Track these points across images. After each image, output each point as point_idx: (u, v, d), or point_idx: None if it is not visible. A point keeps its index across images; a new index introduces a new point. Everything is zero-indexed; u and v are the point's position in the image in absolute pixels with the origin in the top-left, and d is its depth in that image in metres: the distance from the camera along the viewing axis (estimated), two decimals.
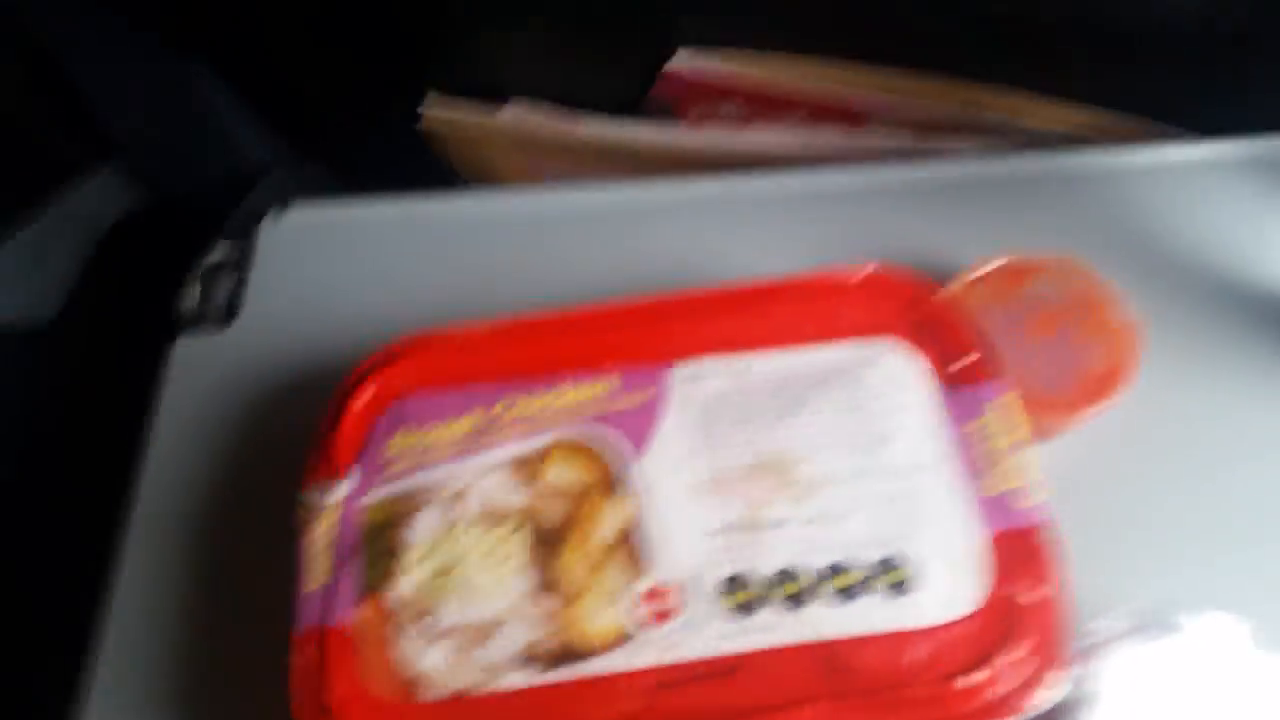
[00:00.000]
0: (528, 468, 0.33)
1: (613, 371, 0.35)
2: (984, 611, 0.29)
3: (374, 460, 0.34)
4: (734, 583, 0.30)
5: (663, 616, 0.30)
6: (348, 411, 0.35)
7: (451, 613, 0.31)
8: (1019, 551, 0.30)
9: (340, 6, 0.49)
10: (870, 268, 0.36)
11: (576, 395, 0.34)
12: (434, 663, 0.30)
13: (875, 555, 0.30)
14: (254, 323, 0.43)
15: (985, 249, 0.39)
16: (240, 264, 0.45)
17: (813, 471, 0.32)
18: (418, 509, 0.33)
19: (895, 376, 0.34)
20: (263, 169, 0.57)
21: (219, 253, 0.46)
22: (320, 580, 0.31)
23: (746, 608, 0.30)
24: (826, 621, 0.29)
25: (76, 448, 0.50)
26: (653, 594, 0.30)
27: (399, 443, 0.34)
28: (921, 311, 0.35)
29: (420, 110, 0.51)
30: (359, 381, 0.35)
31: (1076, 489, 0.33)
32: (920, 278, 0.36)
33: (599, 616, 0.30)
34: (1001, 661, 0.28)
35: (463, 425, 0.34)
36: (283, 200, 0.48)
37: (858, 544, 0.30)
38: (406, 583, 0.31)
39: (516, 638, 0.30)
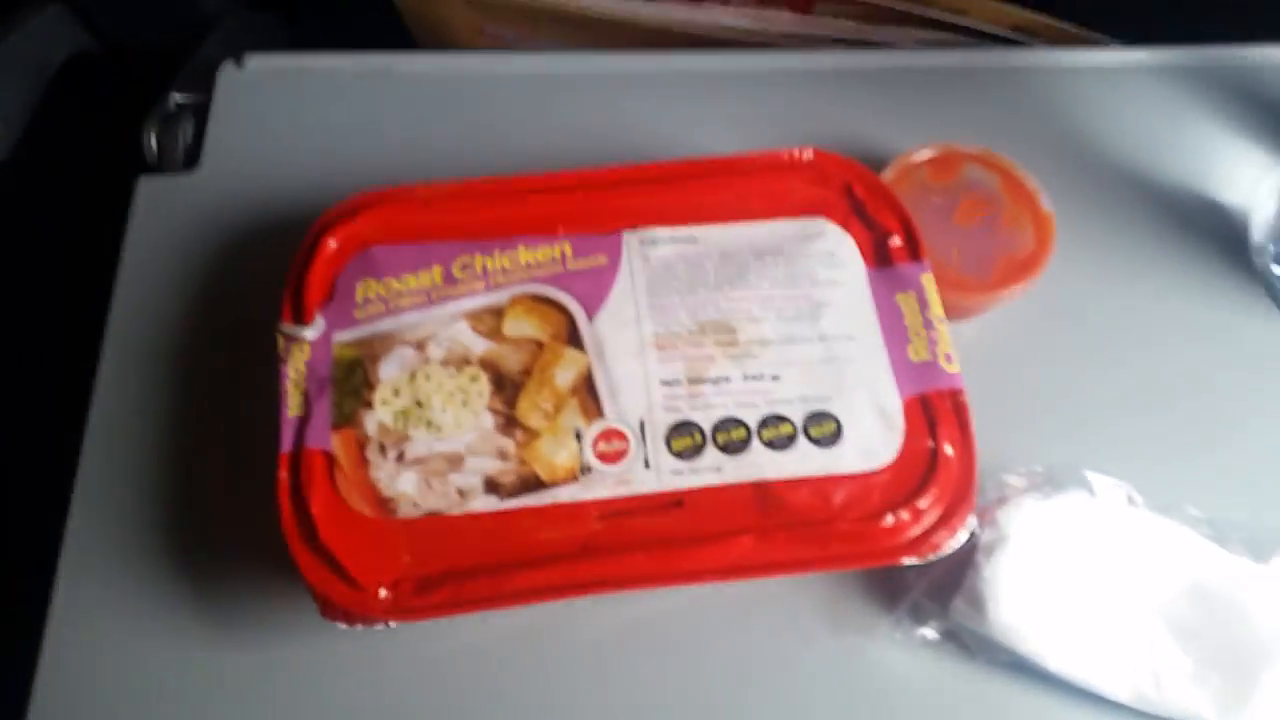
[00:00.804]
0: (488, 319, 0.35)
1: (564, 235, 0.37)
2: (901, 462, 0.33)
3: (342, 303, 0.36)
4: (680, 429, 0.33)
5: (615, 457, 0.33)
6: (317, 255, 0.36)
7: (420, 444, 0.33)
8: (934, 411, 0.34)
9: None
10: (812, 151, 0.39)
11: (531, 256, 0.37)
12: (406, 487, 0.33)
13: (807, 410, 0.34)
14: (214, 168, 0.44)
15: (919, 137, 0.42)
16: (199, 110, 0.45)
17: (752, 335, 0.35)
18: (386, 351, 0.35)
19: (831, 253, 0.37)
20: (215, 17, 0.56)
21: (177, 98, 0.46)
22: (296, 408, 0.34)
23: (691, 451, 0.33)
24: (762, 465, 0.33)
25: (40, 282, 0.50)
26: (606, 435, 0.33)
27: (364, 289, 0.36)
28: (857, 194, 0.38)
29: None
30: (326, 228, 0.37)
31: (991, 363, 0.37)
32: (858, 163, 0.39)
33: (556, 453, 0.33)
34: (915, 505, 0.32)
35: (424, 278, 0.36)
36: (237, 49, 0.48)
37: (791, 400, 0.34)
38: (377, 416, 0.34)
39: (481, 468, 0.33)
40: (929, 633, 0.34)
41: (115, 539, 0.37)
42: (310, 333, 0.35)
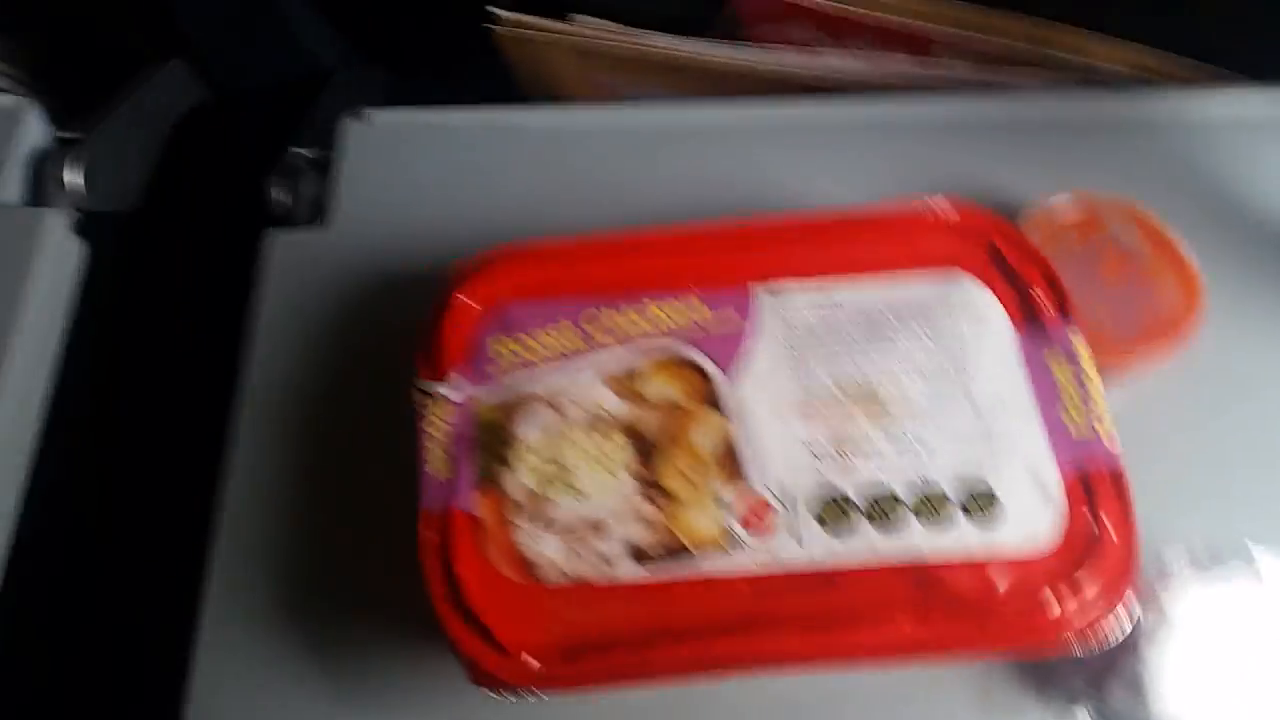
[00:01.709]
0: (625, 380, 0.35)
1: (696, 292, 0.36)
2: (1060, 542, 0.32)
3: (478, 360, 0.36)
4: (828, 501, 0.33)
5: (761, 528, 0.32)
6: (450, 312, 0.36)
7: (563, 508, 0.33)
8: (1093, 485, 0.33)
9: None
10: (950, 203, 0.37)
11: (663, 313, 0.36)
12: (551, 551, 0.32)
13: (962, 483, 0.33)
14: (340, 223, 0.45)
15: (1048, 187, 0.41)
16: (322, 165, 0.46)
17: (899, 400, 0.34)
18: (524, 411, 0.35)
19: (975, 311, 0.36)
20: (329, 70, 0.56)
21: (300, 152, 0.47)
22: (440, 466, 0.33)
23: (841, 525, 0.32)
24: (918, 544, 0.32)
25: (170, 331, 0.52)
26: (750, 503, 0.33)
27: (499, 346, 0.36)
28: (999, 249, 0.37)
29: (489, 16, 0.50)
30: (458, 284, 0.37)
31: (1140, 429, 0.35)
32: (998, 216, 0.37)
33: (700, 521, 0.33)
34: (1078, 588, 0.31)
35: (558, 336, 0.36)
36: (352, 103, 0.49)
37: (945, 472, 0.33)
38: (519, 478, 0.33)
39: (624, 534, 0.33)
40: None
41: (253, 600, 0.37)
42: (448, 390, 0.35)
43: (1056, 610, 0.31)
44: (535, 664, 0.31)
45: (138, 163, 0.51)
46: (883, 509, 0.32)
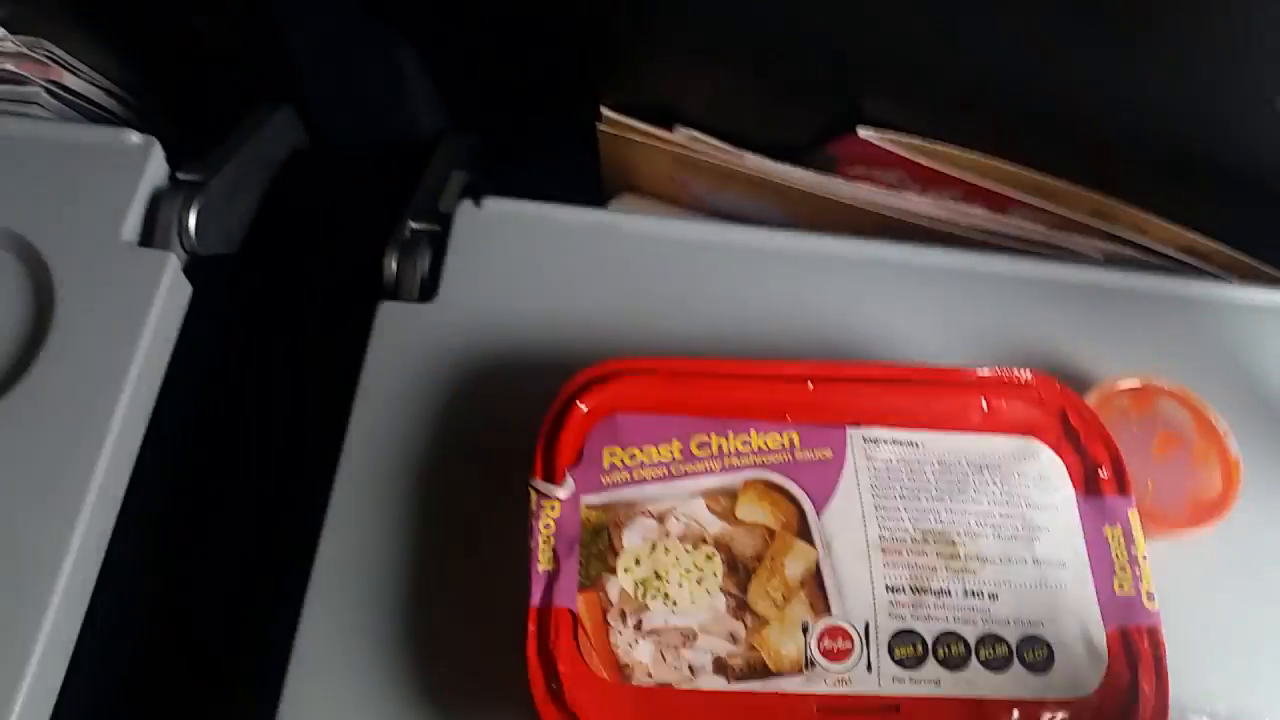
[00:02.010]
0: (723, 500, 0.38)
1: (793, 424, 0.40)
2: (1103, 693, 0.35)
3: (589, 466, 0.39)
4: (903, 637, 0.36)
5: (839, 655, 0.36)
6: (570, 417, 0.40)
7: (657, 616, 0.36)
8: (1134, 646, 0.36)
9: (533, 16, 0.52)
10: (1031, 373, 0.41)
11: (762, 441, 0.40)
12: (642, 655, 0.36)
13: (1021, 632, 0.36)
14: (450, 300, 0.47)
15: (1106, 357, 0.45)
16: (435, 240, 0.49)
17: (971, 550, 0.37)
18: (629, 519, 0.38)
19: (1044, 476, 0.39)
20: (424, 128, 0.60)
21: (413, 225, 0.49)
22: (547, 564, 0.37)
23: (912, 660, 0.35)
24: (978, 684, 0.35)
25: (262, 379, 0.54)
26: (831, 633, 0.36)
27: (610, 455, 0.39)
28: (1071, 422, 0.40)
29: (595, 112, 0.54)
30: (579, 392, 0.40)
31: (1173, 594, 0.38)
32: (1072, 391, 0.41)
33: (784, 643, 0.36)
34: None
35: (664, 451, 0.39)
36: (449, 169, 0.52)
37: (1008, 620, 0.36)
38: (620, 582, 0.37)
39: (712, 647, 0.36)
40: None
41: (344, 671, 0.39)
42: (562, 492, 0.38)
43: None
44: None
45: (244, 208, 0.53)
46: (950, 649, 0.36)
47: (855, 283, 0.49)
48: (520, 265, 0.48)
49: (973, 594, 0.37)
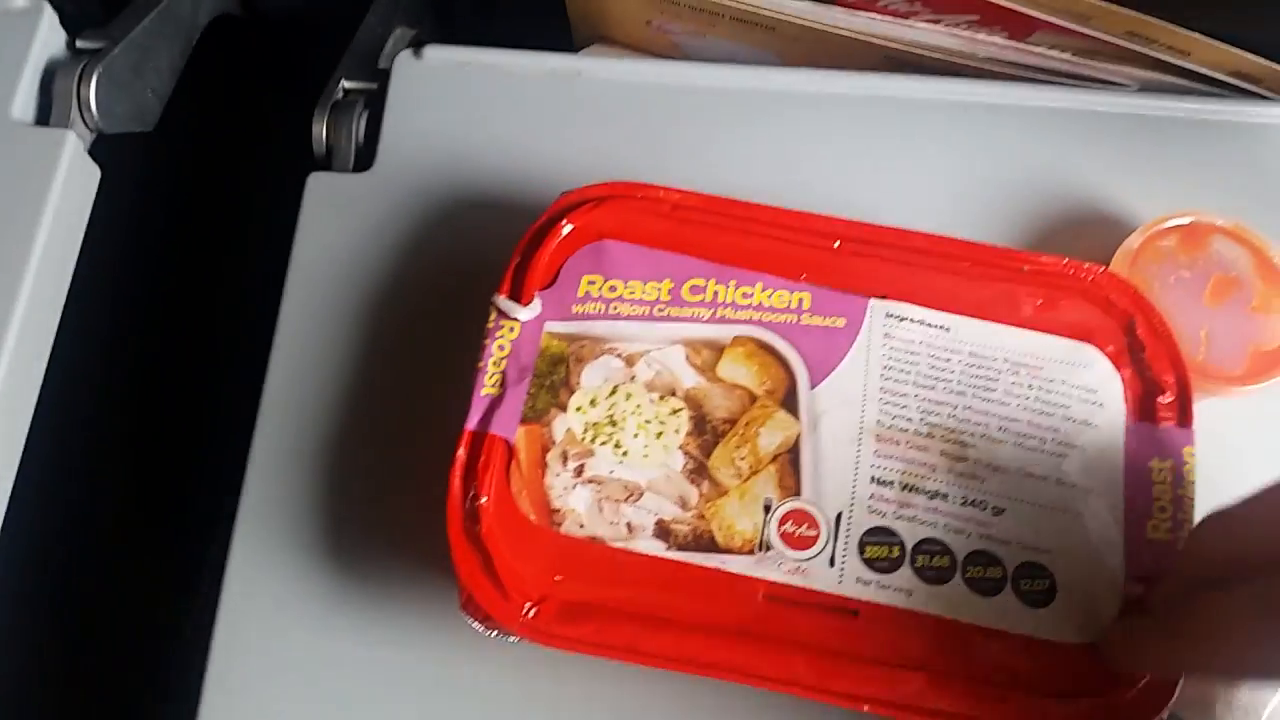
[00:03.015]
0: (706, 353, 0.33)
1: (806, 285, 0.34)
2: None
3: (562, 291, 0.34)
4: (879, 535, 0.30)
5: (800, 543, 0.30)
6: (550, 236, 0.35)
7: (603, 463, 0.32)
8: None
9: None
10: (1103, 270, 0.35)
11: (766, 297, 0.34)
12: (577, 503, 0.31)
13: (1022, 557, 0.30)
14: (389, 164, 0.42)
15: (1148, 192, 0.40)
16: (374, 104, 0.43)
17: (984, 455, 0.32)
18: (594, 355, 0.33)
19: (1093, 390, 0.33)
20: None
21: (345, 84, 0.44)
22: (491, 388, 0.32)
23: (885, 563, 0.30)
24: (957, 604, 0.30)
25: (194, 253, 0.50)
26: (796, 516, 0.31)
27: (588, 284, 0.34)
28: (1139, 334, 0.34)
29: None
30: (566, 211, 0.35)
31: (1231, 464, 0.32)
32: (1147, 300, 0.34)
33: (739, 519, 0.31)
34: (1107, 698, 0.29)
35: (650, 289, 0.34)
36: (390, 26, 0.45)
37: (1009, 541, 0.30)
38: (568, 421, 0.32)
39: (657, 508, 0.31)
40: None
41: (282, 525, 0.36)
42: (526, 314, 0.33)
43: (1076, 711, 0.28)
44: (530, 613, 0.30)
45: (158, 80, 0.47)
46: (932, 560, 0.30)
47: (862, 123, 0.42)
48: (470, 124, 0.42)
49: (972, 503, 0.31)
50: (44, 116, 0.42)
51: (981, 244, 0.35)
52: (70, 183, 0.40)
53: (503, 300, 0.34)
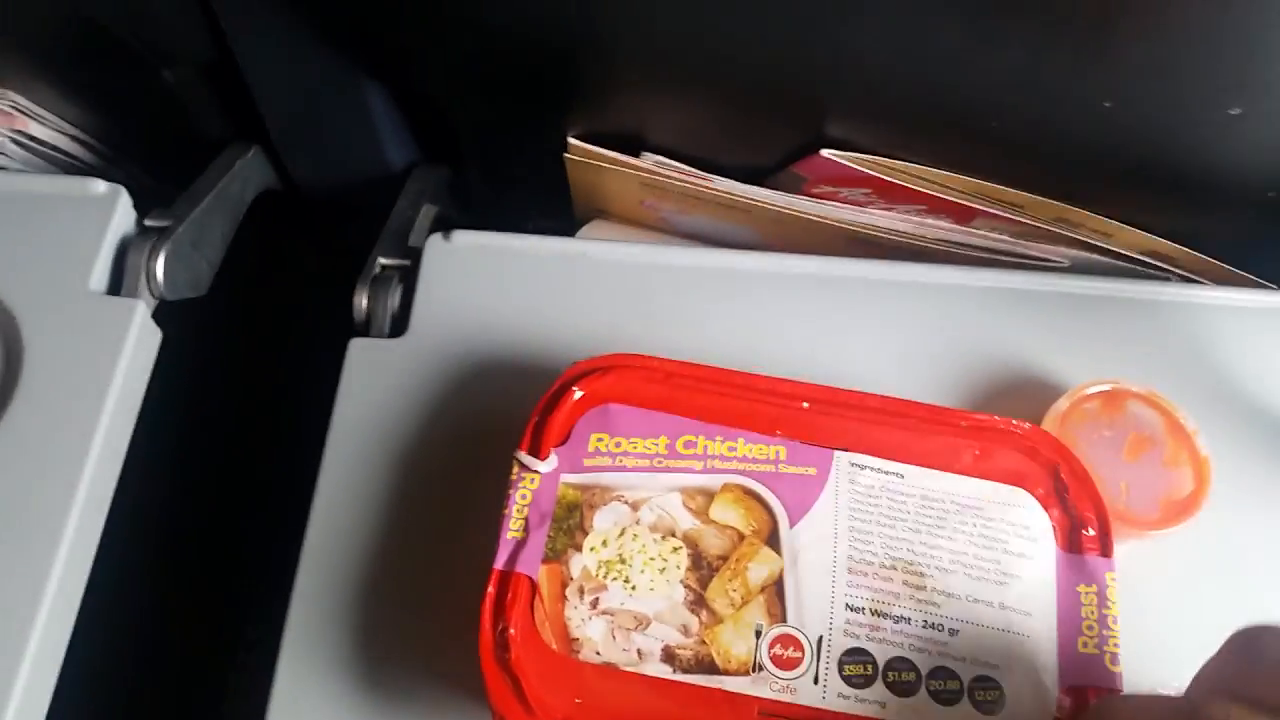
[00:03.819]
0: (699, 499, 0.39)
1: (781, 439, 0.40)
2: None
3: (574, 447, 0.40)
4: (855, 655, 0.35)
5: (788, 664, 0.35)
6: (563, 400, 0.41)
7: (614, 597, 0.36)
8: (1084, 705, 0.35)
9: (501, 50, 0.51)
10: (1029, 425, 0.41)
11: (749, 450, 0.40)
12: (593, 633, 0.36)
13: (975, 671, 0.35)
14: (420, 333, 0.47)
15: (1073, 362, 0.46)
16: (405, 275, 0.49)
17: (938, 585, 0.37)
18: (603, 502, 0.38)
19: (1027, 526, 0.39)
20: (402, 172, 0.58)
21: (382, 261, 0.50)
22: (516, 532, 0.37)
23: (861, 680, 0.35)
24: (924, 712, 0.35)
25: (240, 403, 0.55)
26: (784, 640, 0.36)
27: (596, 440, 0.40)
28: (1063, 478, 0.40)
29: (561, 141, 0.53)
30: (577, 378, 0.41)
31: (1139, 591, 0.38)
32: (1067, 448, 0.41)
33: (735, 643, 0.36)
34: None
35: (650, 445, 0.40)
36: (419, 203, 0.52)
37: (963, 658, 0.36)
38: (583, 560, 0.37)
39: (663, 635, 0.36)
40: None
41: (326, 654, 0.41)
42: (544, 466, 0.39)
43: None
44: None
45: (211, 251, 0.53)
46: (901, 675, 0.35)
47: (826, 300, 0.49)
48: (491, 297, 0.48)
49: (932, 626, 0.36)
50: (115, 287, 0.48)
51: (927, 404, 0.41)
52: (138, 346, 0.46)
53: (524, 455, 0.39)
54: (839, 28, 0.42)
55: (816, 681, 0.35)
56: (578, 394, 0.41)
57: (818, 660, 0.35)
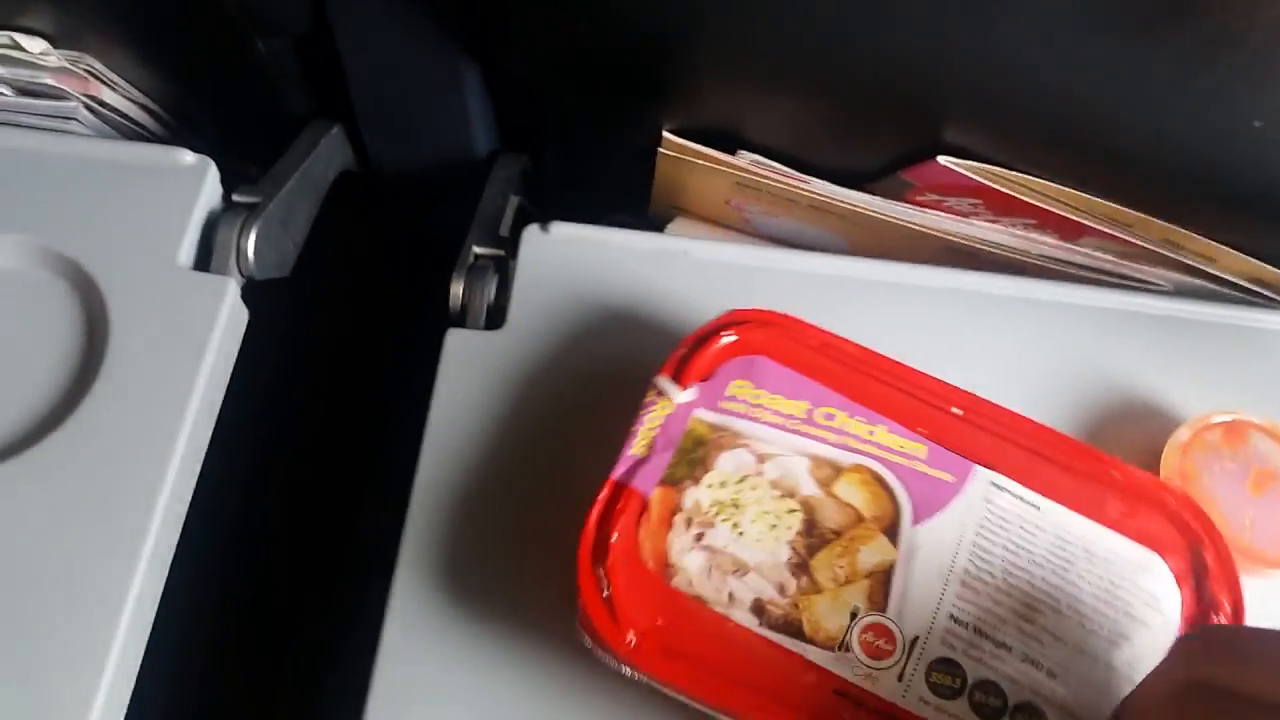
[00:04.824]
0: (827, 470, 0.38)
1: (925, 439, 0.39)
2: None
3: (714, 387, 0.39)
4: (946, 665, 0.34)
5: (877, 653, 0.34)
6: (715, 340, 0.40)
7: (720, 537, 0.36)
8: None
9: (601, 35, 0.48)
10: (1183, 494, 0.39)
11: (889, 439, 0.39)
12: (691, 564, 0.35)
13: (1062, 716, 0.34)
14: (518, 326, 0.45)
15: (1183, 391, 0.45)
16: (500, 265, 0.47)
17: (1050, 625, 0.36)
18: (731, 446, 0.38)
19: (1156, 596, 0.37)
20: (483, 160, 0.57)
21: (476, 250, 0.48)
22: (639, 451, 0.37)
23: (946, 691, 0.34)
24: None
25: (329, 391, 0.54)
26: (877, 629, 0.35)
27: (737, 387, 0.40)
28: (1204, 557, 0.38)
29: (658, 137, 0.51)
30: (733, 323, 0.41)
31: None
32: (1216, 527, 0.38)
33: (828, 617, 0.35)
34: None
35: (789, 405, 0.39)
36: (505, 193, 0.50)
37: (1054, 701, 0.34)
38: (699, 494, 0.37)
39: (758, 588, 0.35)
40: None
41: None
42: (682, 397, 0.39)
43: None
44: (634, 640, 0.34)
45: (297, 232, 0.50)
46: (988, 698, 0.34)
47: (932, 311, 0.47)
48: (589, 292, 0.46)
49: (1032, 661, 0.35)
50: (203, 263, 0.45)
51: (1082, 443, 0.40)
52: (227, 325, 0.44)
53: (664, 381, 0.39)
54: (977, 29, 0.40)
55: (901, 679, 0.34)
56: (729, 338, 0.40)
57: (908, 658, 0.34)
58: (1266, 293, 0.50)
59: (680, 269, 0.47)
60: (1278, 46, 0.37)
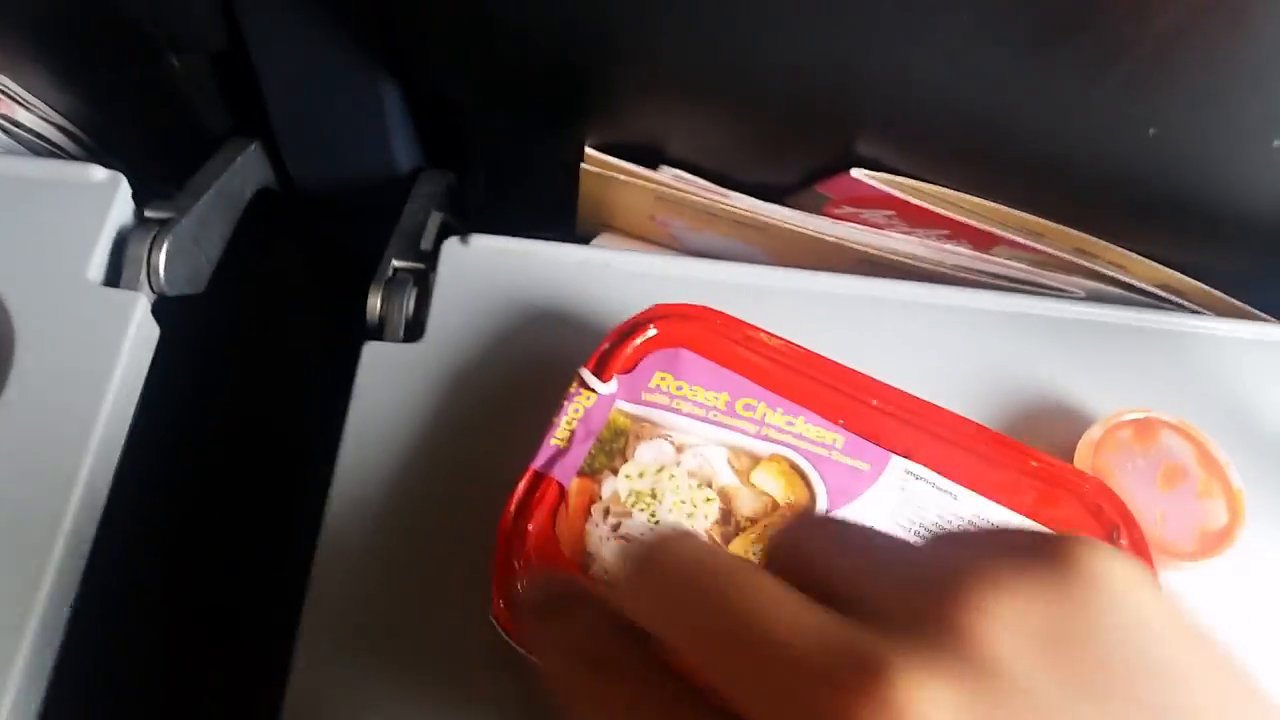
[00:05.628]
0: (745, 460, 0.38)
1: (842, 429, 0.39)
2: None
3: (636, 380, 0.40)
4: None
5: None
6: (638, 333, 0.41)
7: (636, 526, 0.36)
8: None
9: (520, 53, 0.49)
10: (1098, 483, 0.39)
11: (806, 430, 0.39)
12: (607, 554, 0.35)
13: None
14: (436, 339, 0.45)
15: (1097, 392, 0.45)
16: (422, 281, 0.47)
17: None
18: (650, 436, 0.38)
19: None
20: (405, 176, 0.56)
21: (395, 264, 0.47)
22: (559, 441, 0.37)
23: None
24: None
25: (239, 406, 0.53)
26: None
27: (659, 379, 0.40)
28: (1120, 543, 0.38)
29: (581, 152, 0.51)
30: (657, 317, 0.41)
31: None
32: (1132, 514, 0.39)
33: None
34: None
35: (709, 397, 0.40)
36: (428, 208, 0.50)
37: None
38: (616, 484, 0.37)
39: None
40: None
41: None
42: (604, 389, 0.39)
43: None
44: None
45: (211, 248, 0.50)
46: None
47: (849, 319, 0.47)
48: (509, 304, 0.46)
49: None
50: (113, 278, 0.44)
51: (999, 434, 0.40)
52: (137, 341, 0.42)
53: (587, 373, 0.39)
54: (884, 48, 0.41)
55: None
56: (652, 331, 0.41)
57: None
58: (1176, 299, 0.51)
59: (603, 280, 0.47)
60: (1167, 57, 0.38)
